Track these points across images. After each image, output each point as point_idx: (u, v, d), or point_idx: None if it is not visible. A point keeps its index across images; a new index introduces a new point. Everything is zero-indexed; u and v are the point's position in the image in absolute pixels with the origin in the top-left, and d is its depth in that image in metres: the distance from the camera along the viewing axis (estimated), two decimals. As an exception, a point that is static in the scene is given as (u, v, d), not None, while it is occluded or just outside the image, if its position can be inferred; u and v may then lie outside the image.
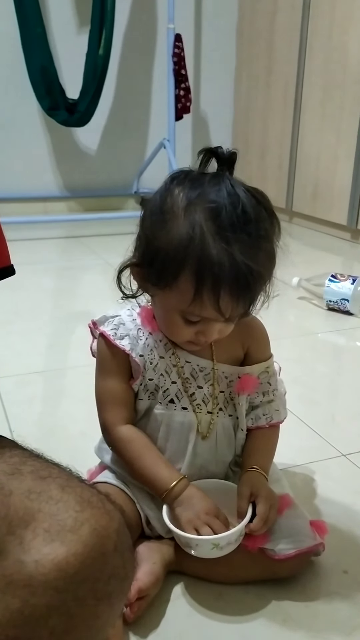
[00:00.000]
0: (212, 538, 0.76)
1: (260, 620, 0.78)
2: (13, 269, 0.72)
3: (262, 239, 0.70)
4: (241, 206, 0.67)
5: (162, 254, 0.70)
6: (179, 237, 0.68)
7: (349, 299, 1.87)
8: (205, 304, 0.70)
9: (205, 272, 0.68)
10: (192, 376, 0.84)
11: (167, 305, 0.75)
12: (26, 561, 0.45)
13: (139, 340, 0.83)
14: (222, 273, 0.67)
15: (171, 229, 0.69)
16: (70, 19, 3.14)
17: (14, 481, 0.50)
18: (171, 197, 0.71)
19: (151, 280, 0.74)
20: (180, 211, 0.69)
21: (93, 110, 3.00)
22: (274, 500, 0.81)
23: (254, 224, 0.68)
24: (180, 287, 0.70)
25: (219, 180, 0.69)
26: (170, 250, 0.69)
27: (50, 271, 2.52)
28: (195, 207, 0.68)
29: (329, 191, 2.94)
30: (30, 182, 3.32)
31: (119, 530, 0.50)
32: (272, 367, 0.89)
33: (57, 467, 0.55)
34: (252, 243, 0.68)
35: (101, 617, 0.48)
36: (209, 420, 0.85)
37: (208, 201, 0.68)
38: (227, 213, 0.67)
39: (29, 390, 1.41)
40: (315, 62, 2.92)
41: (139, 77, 3.39)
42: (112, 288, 0.84)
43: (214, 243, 0.67)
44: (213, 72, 3.53)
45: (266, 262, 0.71)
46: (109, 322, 0.84)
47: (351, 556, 0.89)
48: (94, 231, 3.02)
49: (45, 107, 3.01)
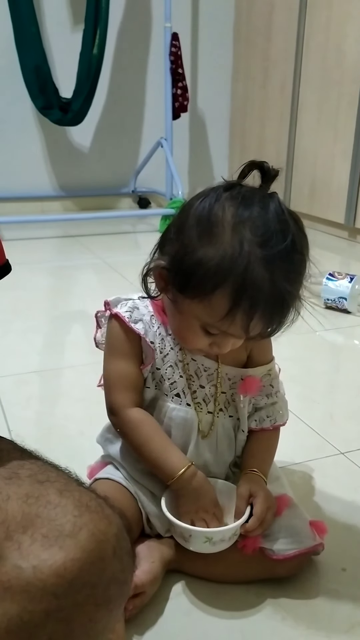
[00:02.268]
0: (205, 531, 0.77)
1: (260, 618, 0.78)
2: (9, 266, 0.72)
3: (303, 269, 0.71)
4: (291, 236, 0.67)
5: (203, 266, 0.68)
6: (224, 253, 0.67)
7: (346, 297, 1.87)
8: (235, 323, 0.70)
9: (245, 294, 0.67)
10: (196, 374, 0.84)
11: (190, 314, 0.73)
12: (24, 567, 0.45)
13: (151, 327, 0.82)
14: (261, 297, 0.67)
15: (217, 242, 0.68)
16: (65, 18, 3.14)
17: (11, 486, 0.50)
18: (222, 210, 0.69)
19: (181, 287, 0.72)
20: (230, 228, 0.68)
21: (87, 109, 3.00)
22: (271, 503, 0.81)
23: (298, 254, 0.69)
24: (213, 302, 0.69)
25: (269, 202, 0.69)
26: (213, 265, 0.67)
27: (47, 270, 2.52)
28: (245, 226, 0.67)
29: (326, 190, 2.94)
30: (24, 182, 3.32)
31: (117, 534, 0.50)
32: (274, 369, 0.90)
33: (55, 471, 0.54)
34: (294, 272, 0.69)
35: (100, 622, 0.48)
36: (210, 420, 0.85)
37: (259, 224, 0.67)
38: (277, 241, 0.67)
39: (27, 390, 1.41)
40: (312, 61, 2.92)
41: (134, 76, 3.38)
42: (109, 287, 0.84)
43: (260, 268, 0.66)
44: (210, 71, 3.52)
45: (298, 288, 0.72)
46: (122, 304, 0.84)
47: (350, 554, 0.90)
48: (90, 230, 3.01)
49: (38, 106, 3.01)
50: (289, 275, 0.68)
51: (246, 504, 0.80)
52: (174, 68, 2.96)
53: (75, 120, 3.04)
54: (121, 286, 2.05)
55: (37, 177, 3.35)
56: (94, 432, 0.95)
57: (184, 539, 0.78)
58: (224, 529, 0.77)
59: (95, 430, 0.94)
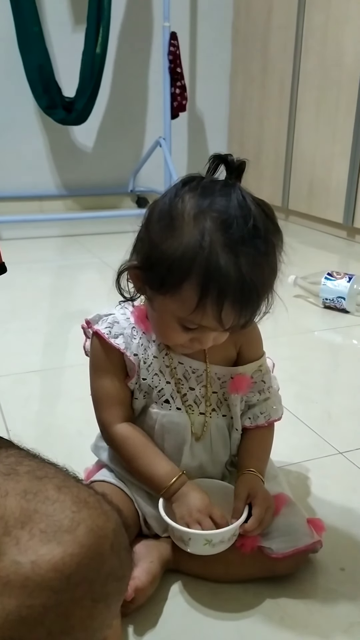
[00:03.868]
0: (205, 534, 0.76)
1: (258, 618, 0.78)
2: (4, 267, 0.72)
3: (269, 254, 0.70)
4: (252, 220, 0.67)
5: (168, 259, 0.69)
6: (187, 244, 0.67)
7: (345, 297, 1.87)
8: (207, 314, 0.69)
9: (211, 282, 0.67)
10: (185, 377, 0.84)
11: (165, 311, 0.74)
12: (22, 562, 0.45)
13: (132, 339, 0.82)
14: (228, 285, 0.67)
15: (180, 235, 0.68)
16: (67, 18, 3.14)
17: (10, 482, 0.50)
18: (182, 202, 0.69)
19: (152, 284, 0.73)
20: (190, 219, 0.68)
21: (90, 108, 3.00)
22: (270, 503, 0.81)
23: (262, 238, 0.68)
24: (183, 295, 0.69)
25: (230, 191, 0.69)
26: (177, 257, 0.68)
27: (46, 270, 2.52)
28: (206, 215, 0.67)
29: (324, 189, 2.95)
30: (26, 181, 3.32)
31: (115, 530, 0.50)
32: (265, 365, 0.89)
33: (53, 467, 0.55)
34: (259, 257, 0.68)
35: (98, 617, 0.48)
36: (202, 421, 0.85)
37: (219, 212, 0.67)
38: (238, 226, 0.66)
39: (26, 390, 1.41)
40: (311, 60, 2.92)
41: (134, 76, 3.38)
42: (108, 287, 0.84)
43: (223, 254, 0.66)
44: (209, 70, 3.52)
45: (270, 277, 0.71)
46: (102, 320, 0.84)
47: (348, 553, 0.89)
48: (90, 230, 3.02)
49: (42, 105, 3.01)
50: (255, 260, 0.68)
51: (244, 504, 0.80)
52: (172, 67, 2.96)
53: (79, 120, 3.04)
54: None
55: (39, 176, 3.35)
56: (92, 432, 0.94)
57: (184, 542, 0.77)
58: (223, 530, 0.76)
59: (94, 430, 0.94)
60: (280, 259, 0.72)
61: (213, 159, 0.73)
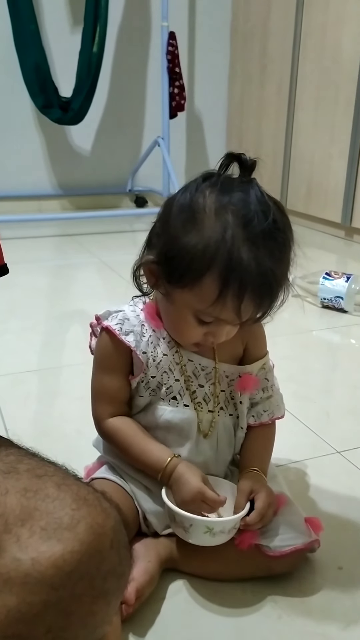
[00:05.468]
0: (206, 520, 0.77)
1: (256, 617, 0.78)
2: (7, 268, 0.72)
3: (287, 248, 0.71)
4: (272, 215, 0.69)
5: (189, 252, 0.70)
6: (209, 237, 0.69)
7: (343, 297, 1.87)
8: (226, 307, 0.70)
9: (233, 275, 0.68)
10: (194, 374, 0.84)
11: (183, 304, 0.74)
12: (23, 559, 0.45)
13: (142, 337, 0.82)
14: (249, 278, 0.68)
15: (201, 228, 0.69)
16: (64, 17, 3.14)
17: (10, 480, 0.50)
18: (203, 197, 0.71)
19: (170, 278, 0.74)
20: (212, 213, 0.69)
21: (87, 108, 3.00)
22: (273, 500, 0.81)
23: (281, 233, 0.70)
24: (204, 288, 0.70)
25: (248, 187, 0.70)
26: (199, 250, 0.69)
27: (44, 270, 2.52)
28: (227, 210, 0.69)
29: (323, 189, 2.95)
30: (23, 180, 3.32)
31: (115, 527, 0.50)
32: (268, 363, 0.90)
33: (52, 466, 0.55)
34: (278, 251, 0.70)
35: (98, 614, 0.49)
36: (210, 419, 0.85)
37: (240, 207, 0.69)
38: (258, 220, 0.68)
39: (24, 389, 1.41)
40: (309, 60, 2.92)
41: (132, 75, 3.38)
42: (107, 286, 0.84)
43: (245, 248, 0.68)
44: (207, 70, 3.53)
45: (287, 271, 0.73)
46: (112, 317, 0.84)
47: (346, 552, 0.90)
48: (88, 229, 3.02)
49: (38, 105, 3.01)
50: (274, 254, 0.69)
51: (247, 499, 0.80)
52: (171, 67, 2.96)
53: (76, 119, 3.04)
54: (118, 285, 2.05)
55: (36, 175, 3.35)
56: (91, 431, 0.94)
57: (184, 530, 0.77)
58: (225, 520, 0.77)
59: (92, 430, 0.94)
60: (293, 254, 0.73)
61: (226, 157, 0.75)
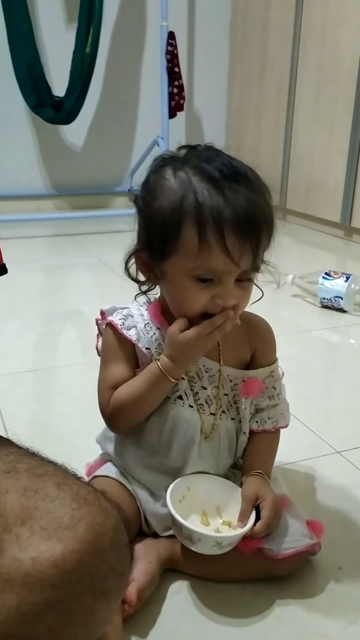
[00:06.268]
0: (216, 536, 0.77)
1: (256, 617, 0.78)
2: (5, 268, 0.72)
3: (254, 188, 0.72)
4: (228, 162, 0.72)
5: (160, 215, 0.72)
6: (173, 194, 0.72)
7: (342, 297, 1.87)
8: (212, 248, 0.70)
9: (205, 215, 0.69)
10: (198, 376, 0.84)
11: (177, 274, 0.74)
12: (23, 559, 0.45)
13: (146, 334, 0.82)
14: (222, 212, 0.69)
15: (165, 193, 0.73)
16: (58, 16, 3.13)
17: (10, 479, 0.50)
18: (162, 170, 0.75)
19: (156, 254, 0.75)
20: (171, 177, 0.73)
21: (79, 108, 3.00)
22: (278, 507, 0.81)
23: (242, 176, 0.72)
24: (185, 243, 0.71)
25: (201, 149, 0.75)
26: (167, 208, 0.72)
27: (42, 269, 2.52)
28: (184, 169, 0.73)
29: (322, 189, 2.95)
30: (17, 180, 3.31)
31: (115, 527, 0.50)
32: (277, 372, 0.90)
33: (52, 465, 0.55)
34: (246, 190, 0.71)
35: (98, 613, 0.48)
36: (212, 422, 0.85)
37: (198, 163, 0.72)
38: (215, 167, 0.71)
39: (23, 389, 1.41)
40: (309, 59, 2.92)
41: (131, 75, 3.38)
42: (106, 286, 0.84)
43: (208, 191, 0.70)
44: (206, 69, 3.52)
45: (262, 204, 0.73)
46: (117, 312, 0.84)
47: (345, 553, 0.90)
48: (86, 229, 3.01)
49: (30, 104, 3.00)
50: (241, 191, 0.71)
51: (252, 506, 0.80)
52: (170, 67, 2.96)
53: (68, 119, 3.04)
54: (117, 284, 2.05)
55: (30, 175, 3.34)
56: (90, 431, 0.94)
57: (191, 541, 0.76)
58: (234, 534, 0.77)
59: (91, 429, 0.94)
60: (268, 195, 0.75)
61: (182, 147, 0.78)
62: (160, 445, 0.84)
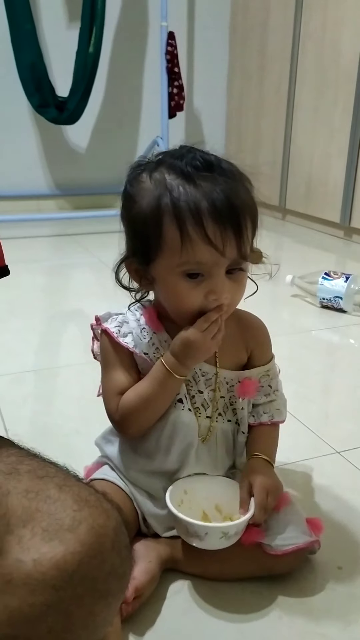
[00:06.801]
0: (222, 526, 0.77)
1: (256, 616, 0.78)
2: (7, 270, 0.72)
3: (230, 177, 0.73)
4: (199, 155, 0.73)
5: (141, 219, 0.74)
6: (150, 197, 0.73)
7: (342, 297, 1.87)
8: (194, 241, 0.71)
9: (182, 210, 0.70)
10: (194, 379, 0.84)
11: (167, 274, 0.74)
12: (25, 560, 0.45)
13: (142, 339, 0.82)
14: (198, 204, 0.70)
15: (143, 196, 0.74)
16: (61, 16, 3.14)
17: (11, 481, 0.50)
18: (138, 176, 0.76)
19: (144, 259, 0.76)
20: (146, 179, 0.74)
21: (83, 108, 3.00)
22: (270, 487, 0.81)
23: (216, 167, 0.72)
24: (167, 240, 0.72)
25: (175, 149, 0.77)
26: (147, 212, 0.73)
27: (43, 269, 2.52)
28: (158, 170, 0.74)
29: (322, 189, 2.95)
30: (20, 180, 3.31)
31: (116, 528, 0.50)
32: (273, 369, 0.89)
33: (54, 467, 0.55)
34: (221, 180, 0.72)
35: (99, 614, 0.49)
36: (208, 424, 0.85)
37: (169, 162, 0.74)
38: (186, 162, 0.72)
39: (23, 389, 1.41)
40: (308, 59, 2.92)
41: (130, 75, 3.38)
42: (106, 286, 0.84)
43: (183, 187, 0.71)
44: (206, 69, 3.53)
45: (240, 191, 0.73)
46: (112, 319, 0.84)
47: (345, 552, 0.90)
48: (86, 229, 3.01)
49: (34, 104, 3.01)
50: (217, 181, 0.71)
51: (248, 492, 0.80)
52: (170, 67, 2.96)
53: (71, 119, 3.04)
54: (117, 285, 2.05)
55: (33, 175, 3.35)
56: (90, 431, 0.95)
57: (199, 539, 0.77)
58: (239, 522, 0.77)
59: (92, 429, 0.94)
60: (249, 183, 0.75)
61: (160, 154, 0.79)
62: (158, 449, 0.84)
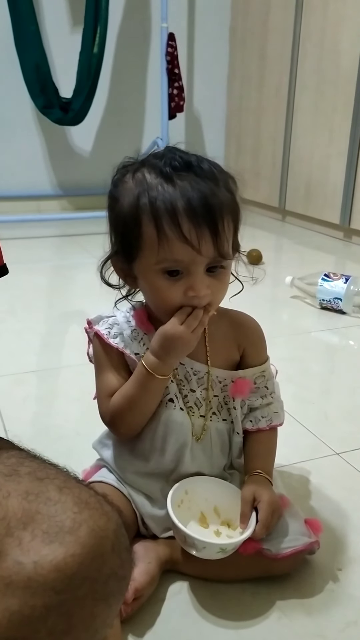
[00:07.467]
0: (220, 543, 0.77)
1: (256, 618, 0.78)
2: (6, 269, 0.73)
3: (209, 176, 0.73)
4: (179, 154, 0.74)
5: (122, 218, 0.75)
6: (130, 196, 0.74)
7: (341, 298, 1.87)
8: (170, 239, 0.71)
9: (159, 208, 0.71)
10: (186, 378, 0.84)
11: (147, 272, 0.75)
12: (25, 562, 0.45)
13: (133, 340, 0.83)
14: (174, 202, 0.71)
15: (124, 195, 0.76)
16: (64, 17, 3.14)
17: (11, 483, 0.50)
18: (122, 177, 0.78)
19: (127, 257, 0.77)
20: (129, 179, 0.76)
21: (87, 108, 3.01)
22: (276, 506, 0.81)
23: (195, 167, 0.73)
24: (145, 238, 0.73)
25: (160, 150, 0.78)
26: (127, 211, 0.75)
27: (44, 270, 2.52)
28: (141, 170, 0.75)
29: (321, 190, 2.95)
30: (23, 181, 3.32)
31: (116, 530, 0.50)
32: (269, 370, 0.89)
33: (54, 468, 0.55)
34: (197, 178, 0.72)
35: (99, 617, 0.49)
36: (202, 424, 0.85)
37: (151, 162, 0.75)
38: (166, 161, 0.73)
39: (24, 390, 1.41)
40: (308, 61, 2.93)
41: (132, 76, 3.39)
42: (106, 287, 0.85)
43: (160, 186, 0.72)
44: (206, 71, 3.53)
45: (217, 190, 0.73)
46: (103, 321, 0.85)
47: (344, 554, 0.90)
48: (88, 230, 3.01)
49: (39, 105, 3.01)
50: (194, 179, 0.72)
51: (251, 508, 0.80)
52: (170, 68, 2.96)
53: (76, 120, 3.05)
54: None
55: (36, 176, 3.35)
56: (90, 432, 0.95)
57: (196, 550, 0.77)
58: (238, 540, 0.77)
59: (92, 430, 0.94)
60: (235, 189, 0.76)
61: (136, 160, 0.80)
62: (153, 449, 0.84)
